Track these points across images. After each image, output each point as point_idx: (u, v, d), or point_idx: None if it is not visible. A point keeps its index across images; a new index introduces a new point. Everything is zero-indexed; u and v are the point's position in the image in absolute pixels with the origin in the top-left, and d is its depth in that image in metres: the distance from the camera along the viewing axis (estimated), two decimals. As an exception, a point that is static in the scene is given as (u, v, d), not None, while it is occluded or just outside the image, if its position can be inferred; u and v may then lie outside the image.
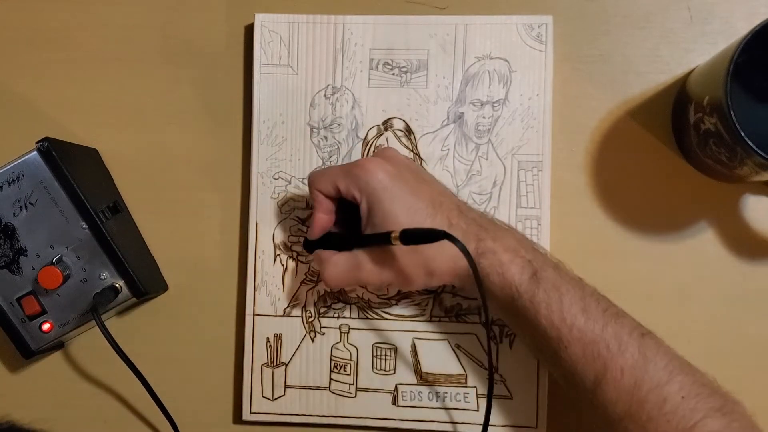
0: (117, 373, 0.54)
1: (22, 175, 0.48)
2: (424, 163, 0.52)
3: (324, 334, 0.52)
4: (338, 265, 0.46)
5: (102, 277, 0.50)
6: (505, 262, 0.42)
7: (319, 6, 0.53)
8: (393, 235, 0.42)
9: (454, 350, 0.51)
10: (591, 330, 0.40)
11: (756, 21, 0.41)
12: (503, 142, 0.51)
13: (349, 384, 0.52)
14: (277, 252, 0.52)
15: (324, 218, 0.48)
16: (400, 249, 0.44)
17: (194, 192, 0.54)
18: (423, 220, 0.43)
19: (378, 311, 0.52)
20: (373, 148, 0.52)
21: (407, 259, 0.44)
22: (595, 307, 0.41)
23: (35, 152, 0.48)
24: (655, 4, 0.52)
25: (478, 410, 0.51)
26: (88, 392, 0.55)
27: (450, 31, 0.51)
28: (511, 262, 0.42)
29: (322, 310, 0.52)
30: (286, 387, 0.52)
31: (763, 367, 0.50)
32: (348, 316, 0.52)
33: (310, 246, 0.50)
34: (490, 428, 0.50)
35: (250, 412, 0.52)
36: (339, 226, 0.49)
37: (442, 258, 0.43)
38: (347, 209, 0.47)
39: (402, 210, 0.43)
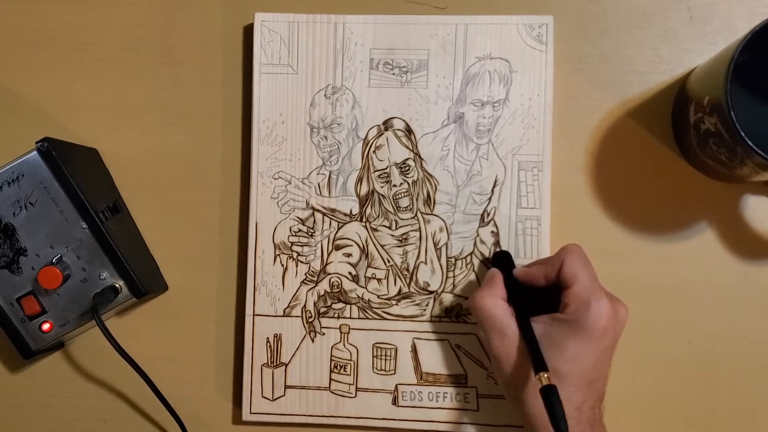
0: (117, 373, 0.54)
1: (22, 175, 0.48)
2: (424, 163, 0.52)
3: (324, 334, 0.52)
4: (495, 308, 0.45)
5: (102, 277, 0.50)
6: None
7: (319, 6, 0.53)
8: (545, 376, 0.40)
9: (454, 350, 0.51)
10: None
11: (756, 21, 0.41)
12: (503, 142, 0.51)
13: (349, 384, 0.52)
14: (277, 252, 0.52)
15: (540, 280, 0.46)
16: (532, 381, 0.43)
17: (194, 192, 0.54)
18: (575, 385, 0.42)
19: (378, 311, 0.52)
20: (373, 148, 0.52)
21: (527, 382, 0.43)
22: None
23: (35, 152, 0.48)
24: (655, 4, 0.52)
25: (478, 410, 0.51)
26: (88, 392, 0.55)
27: (450, 31, 0.52)
28: None
29: (322, 310, 0.52)
30: (286, 387, 0.52)
31: (763, 367, 0.50)
32: (348, 316, 0.52)
33: (500, 264, 0.49)
34: (489, 428, 0.50)
35: (250, 413, 0.52)
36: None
37: (541, 416, 0.42)
38: (549, 290, 0.46)
39: (575, 361, 0.42)
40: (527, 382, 0.43)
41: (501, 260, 0.49)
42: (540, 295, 0.46)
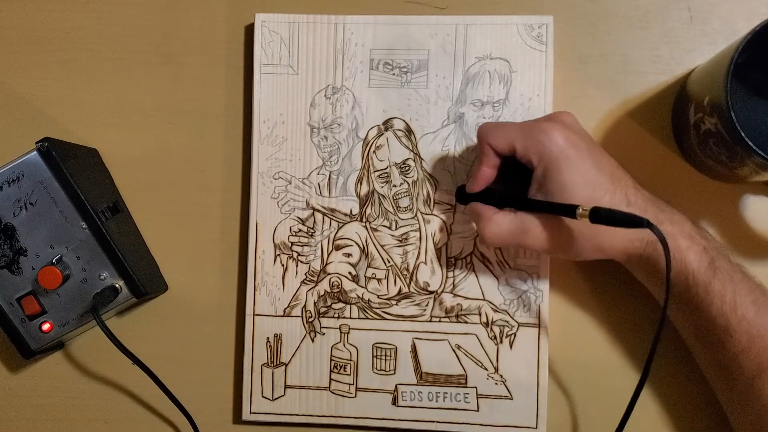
0: (117, 372, 0.54)
1: (22, 175, 0.48)
2: (424, 163, 0.52)
3: (324, 334, 0.52)
4: (501, 225, 0.45)
5: (102, 277, 0.50)
6: (683, 248, 0.42)
7: (319, 6, 0.53)
8: (581, 210, 0.40)
9: (454, 350, 0.51)
10: (760, 323, 0.41)
11: (756, 21, 0.41)
12: (503, 142, 0.51)
13: (349, 384, 0.52)
14: (277, 252, 0.52)
15: (489, 172, 0.46)
16: (577, 222, 0.42)
17: (194, 192, 0.54)
18: (602, 195, 0.42)
19: (378, 311, 0.52)
20: (373, 149, 0.52)
21: (580, 232, 0.43)
22: (764, 301, 0.42)
23: (35, 152, 0.48)
24: (655, 4, 0.52)
25: (478, 410, 0.51)
26: (88, 392, 0.55)
27: (450, 31, 0.52)
28: (689, 249, 0.42)
29: (322, 310, 0.52)
30: (286, 387, 0.52)
31: (763, 367, 0.50)
32: (348, 316, 0.52)
33: (464, 198, 0.49)
34: (489, 428, 0.50)
35: (250, 412, 0.52)
36: (497, 183, 0.47)
37: (617, 236, 0.42)
38: (512, 168, 0.46)
39: (581, 182, 0.42)
40: (583, 232, 0.43)
41: (464, 194, 0.49)
42: (510, 178, 0.46)
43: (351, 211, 0.52)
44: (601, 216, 0.40)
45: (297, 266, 0.52)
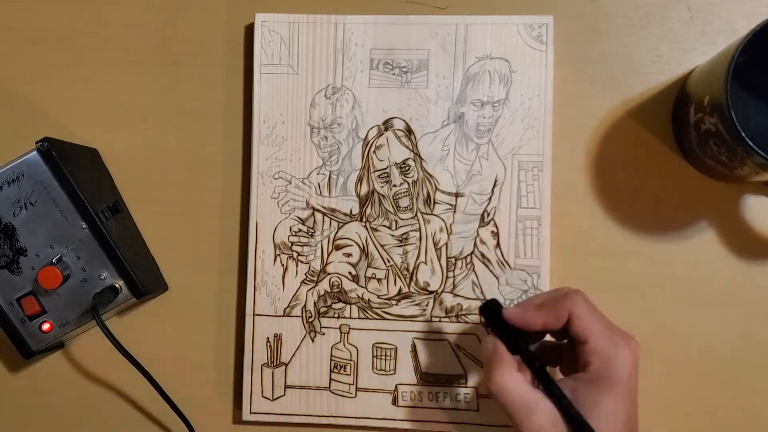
0: (117, 373, 0.54)
1: (22, 175, 0.48)
2: (424, 163, 0.52)
3: (324, 334, 0.52)
4: (517, 387, 0.40)
5: (102, 277, 0.50)
6: None
7: (319, 6, 0.53)
8: None
9: (454, 350, 0.51)
10: None
11: (756, 21, 0.41)
12: (504, 142, 0.51)
13: (349, 384, 0.52)
14: (277, 252, 0.52)
15: (538, 324, 0.42)
16: None
17: (194, 192, 0.54)
18: None
19: (378, 311, 0.52)
20: (373, 148, 0.52)
21: None
22: None
23: (35, 152, 0.48)
24: (655, 4, 0.52)
25: (478, 410, 0.51)
26: (88, 392, 0.55)
27: (450, 31, 0.52)
28: None
29: (322, 310, 0.52)
30: (286, 387, 0.52)
31: (763, 367, 0.50)
32: (348, 316, 0.52)
33: (492, 319, 0.43)
34: (489, 428, 0.50)
35: (250, 412, 0.52)
36: (529, 336, 0.43)
37: None
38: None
39: (613, 417, 0.39)
40: None
41: (490, 311, 0.44)
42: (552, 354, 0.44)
43: (351, 211, 0.52)
44: None
45: (297, 266, 0.52)
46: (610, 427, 0.39)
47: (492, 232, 0.51)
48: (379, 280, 0.52)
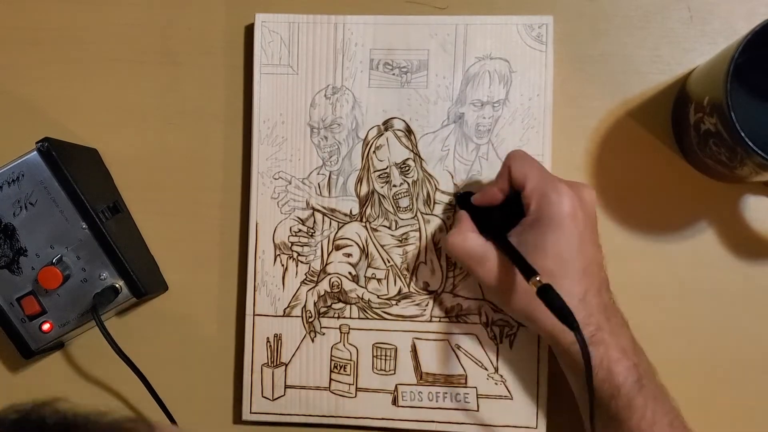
0: (117, 373, 0.54)
1: (22, 175, 0.48)
2: (424, 163, 0.52)
3: (324, 334, 0.52)
4: (466, 241, 0.45)
5: (102, 277, 0.50)
6: (613, 359, 0.42)
7: (319, 6, 0.53)
8: (536, 279, 0.41)
9: (454, 350, 0.51)
10: None
11: (756, 21, 0.41)
12: (503, 142, 0.51)
13: (349, 384, 0.52)
14: (277, 252, 0.52)
15: (496, 194, 0.47)
16: (526, 285, 0.42)
17: (194, 192, 0.54)
18: (565, 277, 0.42)
19: (378, 311, 0.52)
20: (373, 149, 0.52)
21: (524, 294, 0.44)
22: (679, 424, 0.43)
23: (35, 152, 0.48)
24: (655, 4, 0.52)
25: (478, 410, 0.51)
26: (88, 392, 0.55)
27: (450, 31, 0.52)
28: (618, 361, 0.42)
29: (322, 310, 0.52)
30: (286, 387, 0.52)
31: (763, 367, 0.50)
32: (348, 316, 0.52)
33: (463, 202, 0.49)
34: (489, 428, 0.50)
35: (250, 412, 0.52)
36: (497, 210, 0.47)
37: (552, 320, 0.41)
38: (511, 201, 0.46)
39: (556, 254, 0.42)
40: (527, 295, 0.43)
41: (465, 200, 0.49)
42: (508, 212, 0.46)
43: (351, 211, 0.52)
44: (546, 296, 0.40)
45: (297, 266, 0.52)
46: (558, 261, 0.42)
47: (492, 232, 0.51)
48: (379, 280, 0.52)
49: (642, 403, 0.42)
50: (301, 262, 0.52)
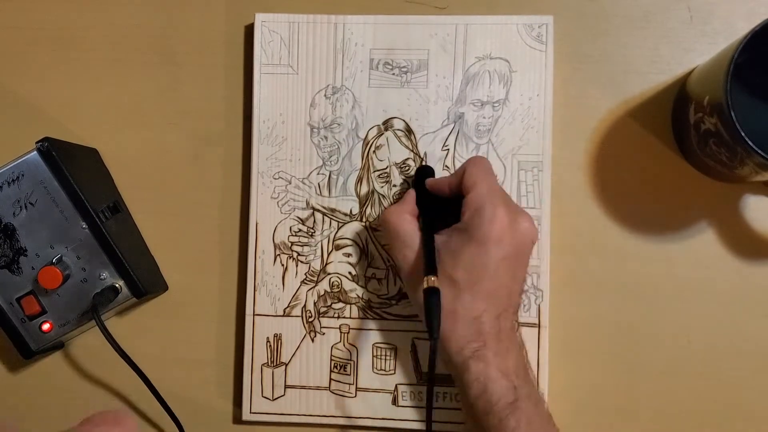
0: (117, 373, 0.54)
1: (22, 175, 0.48)
2: (424, 164, 0.52)
3: (324, 334, 0.52)
4: (398, 222, 0.46)
5: (102, 277, 0.50)
6: (491, 377, 0.42)
7: (319, 6, 0.53)
8: (430, 278, 0.42)
9: (454, 350, 0.51)
10: None
11: (756, 21, 0.41)
12: (503, 142, 0.51)
13: (349, 384, 0.52)
14: (277, 252, 0.52)
15: (444, 188, 0.47)
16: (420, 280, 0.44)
17: (194, 192, 0.54)
18: (472, 293, 0.43)
19: (378, 311, 0.52)
20: (373, 148, 0.52)
21: (419, 290, 0.44)
22: None
23: (35, 152, 0.48)
24: (655, 4, 0.52)
25: (478, 410, 0.51)
26: (88, 392, 0.55)
27: (450, 31, 0.52)
28: (496, 381, 0.42)
29: (322, 310, 0.52)
30: (286, 387, 0.52)
31: (763, 367, 0.50)
32: (348, 316, 0.52)
33: (420, 178, 0.50)
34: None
35: (250, 412, 0.52)
36: (444, 204, 0.48)
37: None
38: (458, 202, 0.46)
39: (470, 268, 0.43)
40: (417, 292, 0.44)
41: (422, 177, 0.49)
42: (452, 211, 0.46)
43: (351, 211, 0.52)
44: (427, 300, 0.42)
45: (297, 266, 0.52)
46: (468, 275, 0.43)
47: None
48: (379, 280, 0.52)
49: (513, 425, 0.41)
50: (301, 261, 0.52)
